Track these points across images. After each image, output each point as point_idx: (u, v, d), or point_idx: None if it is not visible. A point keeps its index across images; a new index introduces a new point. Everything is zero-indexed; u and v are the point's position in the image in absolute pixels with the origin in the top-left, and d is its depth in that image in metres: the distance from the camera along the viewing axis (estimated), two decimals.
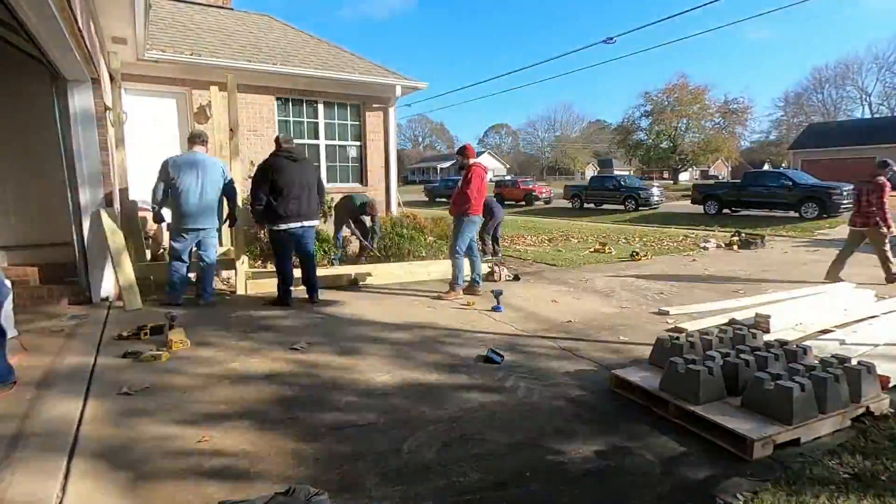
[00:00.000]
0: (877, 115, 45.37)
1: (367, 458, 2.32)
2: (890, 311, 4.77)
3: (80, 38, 3.66)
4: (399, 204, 9.67)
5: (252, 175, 4.99)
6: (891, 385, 3.07)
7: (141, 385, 3.07)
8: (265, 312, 4.85)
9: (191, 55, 7.05)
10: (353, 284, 6.07)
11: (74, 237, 4.96)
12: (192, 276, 5.31)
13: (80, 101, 4.77)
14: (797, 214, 15.35)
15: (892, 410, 2.81)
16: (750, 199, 16.78)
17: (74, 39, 3.56)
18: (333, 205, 7.58)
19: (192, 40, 7.73)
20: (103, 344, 3.84)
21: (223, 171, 5.09)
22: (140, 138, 6.81)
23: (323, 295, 5.43)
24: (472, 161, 5.68)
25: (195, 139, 5.03)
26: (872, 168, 6.42)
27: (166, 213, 5.02)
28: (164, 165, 4.86)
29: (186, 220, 4.87)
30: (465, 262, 5.71)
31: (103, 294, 5.07)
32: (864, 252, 6.60)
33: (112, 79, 5.20)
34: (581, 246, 10.27)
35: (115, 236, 4.87)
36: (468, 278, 5.77)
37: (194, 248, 5.09)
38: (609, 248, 9.38)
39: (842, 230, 12.12)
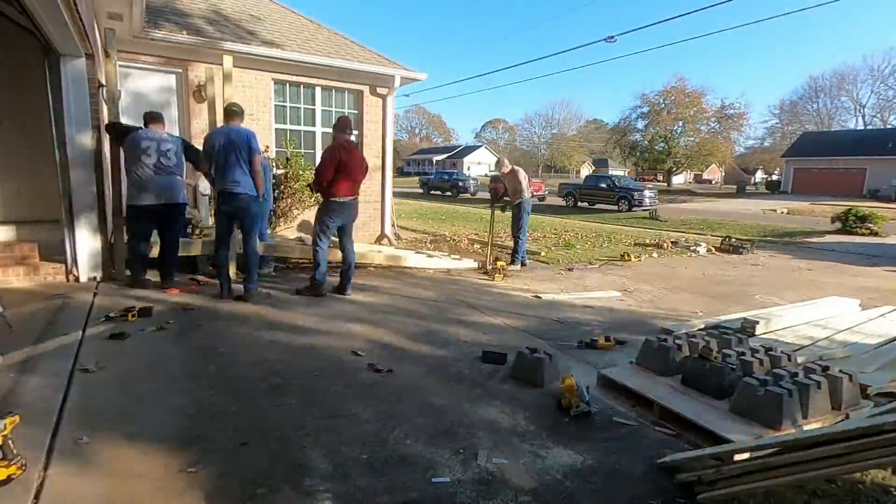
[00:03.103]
0: (870, 127, 45.86)
1: None
2: (871, 321, 4.84)
3: (75, 10, 3.59)
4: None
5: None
6: (869, 393, 3.13)
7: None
8: None
9: (188, 35, 6.93)
10: None
11: (64, 215, 4.89)
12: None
13: (72, 76, 4.67)
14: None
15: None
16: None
17: (68, 12, 3.49)
18: None
19: (190, 19, 7.60)
20: (90, 324, 3.80)
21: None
22: (136, 116, 6.70)
23: None
24: None
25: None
26: None
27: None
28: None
29: None
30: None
31: (91, 273, 5.01)
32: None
33: (108, 55, 5.10)
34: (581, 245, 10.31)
35: None
36: None
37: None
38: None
39: (832, 239, 12.27)
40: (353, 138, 4.82)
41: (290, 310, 4.55)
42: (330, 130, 8.82)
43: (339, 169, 4.87)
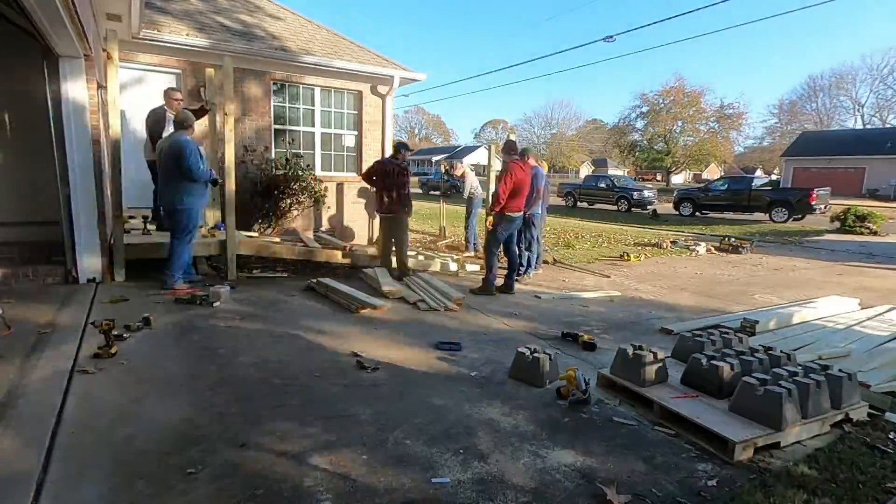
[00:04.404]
0: (869, 127, 45.83)
1: None
2: (869, 319, 4.85)
3: (73, 11, 3.58)
4: None
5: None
6: (871, 390, 3.13)
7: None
8: None
9: (186, 36, 6.94)
10: None
11: (63, 217, 4.88)
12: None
13: (71, 78, 4.66)
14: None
15: (869, 417, 2.87)
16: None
17: (67, 12, 3.49)
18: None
19: (189, 20, 7.60)
20: (89, 325, 3.79)
21: None
22: (134, 117, 6.70)
23: None
24: None
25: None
26: None
27: None
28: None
29: None
30: None
31: (90, 275, 5.00)
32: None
33: (109, 56, 5.10)
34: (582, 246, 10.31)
35: None
36: None
37: None
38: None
39: (832, 238, 12.29)
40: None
41: (290, 311, 4.55)
42: (329, 131, 8.94)
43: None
